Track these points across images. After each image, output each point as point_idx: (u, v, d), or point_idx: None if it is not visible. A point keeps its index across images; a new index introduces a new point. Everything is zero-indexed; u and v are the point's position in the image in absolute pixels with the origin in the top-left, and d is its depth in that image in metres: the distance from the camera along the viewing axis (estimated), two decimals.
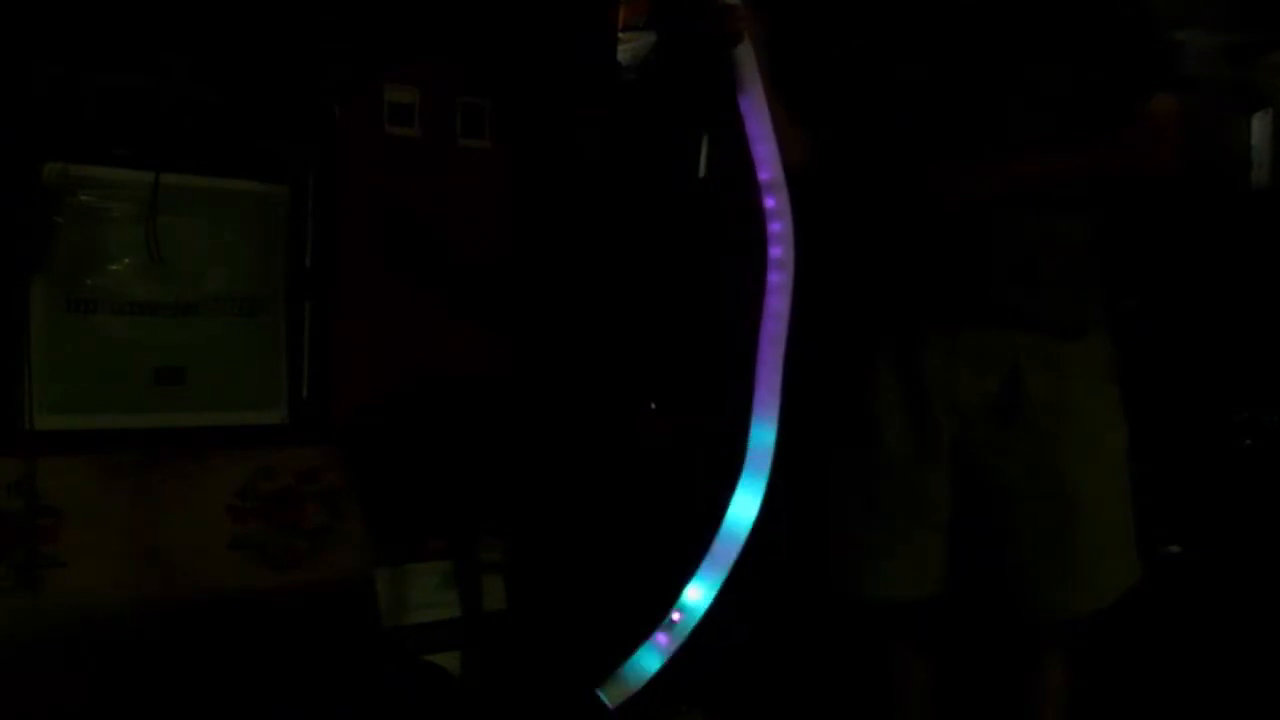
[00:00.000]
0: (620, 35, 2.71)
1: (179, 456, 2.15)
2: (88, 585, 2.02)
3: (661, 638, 1.40)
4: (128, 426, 2.14)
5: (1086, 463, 1.64)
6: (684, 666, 1.41)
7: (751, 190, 1.49)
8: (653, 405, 2.50)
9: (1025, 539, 1.63)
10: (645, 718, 1.43)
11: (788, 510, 1.68)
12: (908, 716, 1.83)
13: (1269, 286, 2.59)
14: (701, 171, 2.73)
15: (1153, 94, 1.62)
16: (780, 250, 1.47)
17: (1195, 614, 2.37)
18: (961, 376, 1.64)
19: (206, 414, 2.22)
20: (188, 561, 2.14)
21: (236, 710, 1.99)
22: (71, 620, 1.98)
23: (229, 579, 2.18)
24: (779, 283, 1.47)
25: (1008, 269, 1.61)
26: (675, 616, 1.40)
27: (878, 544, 1.69)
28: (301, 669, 2.06)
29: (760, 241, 1.48)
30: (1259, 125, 2.72)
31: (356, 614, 2.27)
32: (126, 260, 2.14)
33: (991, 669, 1.78)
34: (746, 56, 1.48)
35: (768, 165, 1.48)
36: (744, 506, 1.43)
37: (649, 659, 1.39)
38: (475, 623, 2.39)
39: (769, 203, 1.48)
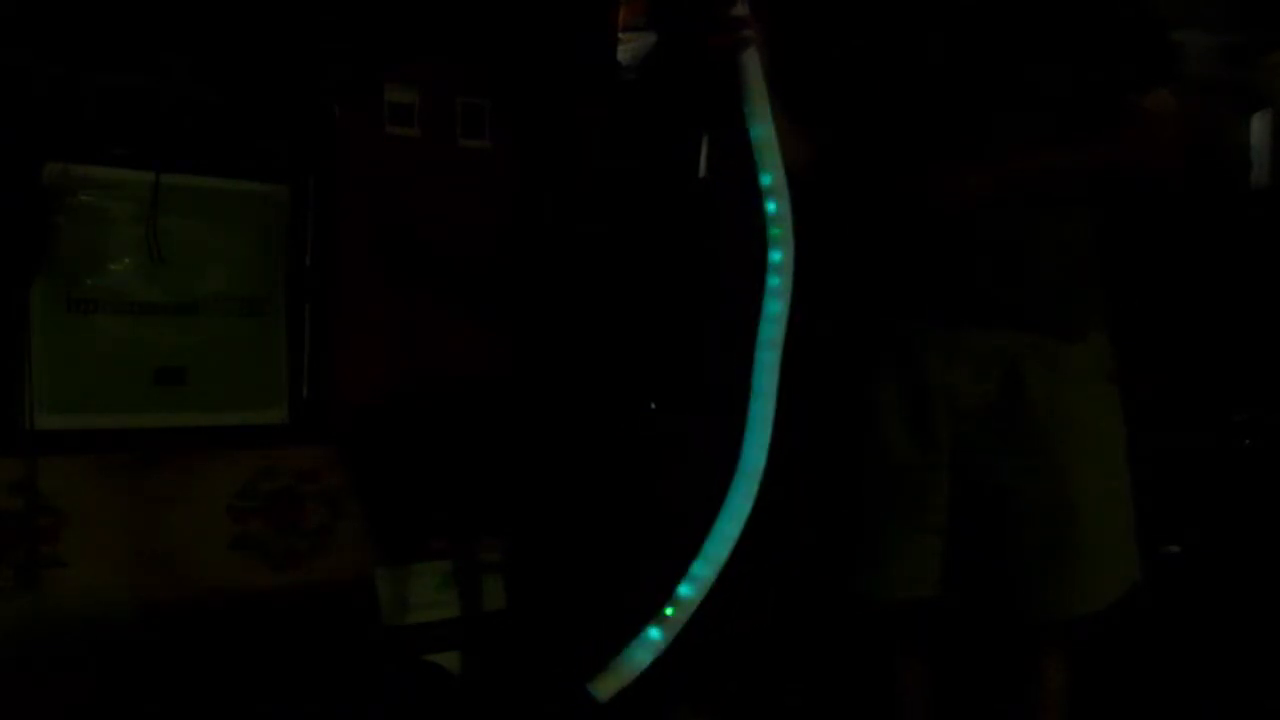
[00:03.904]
0: (620, 35, 2.71)
1: (179, 456, 2.15)
2: (88, 585, 2.02)
3: (654, 632, 1.40)
4: (128, 426, 2.14)
5: (1086, 464, 1.64)
6: (685, 667, 1.41)
7: (752, 193, 1.50)
8: (653, 405, 2.50)
9: (1025, 540, 1.63)
10: (644, 718, 1.43)
11: (789, 512, 1.68)
12: (908, 717, 1.84)
13: (1269, 286, 2.59)
14: (701, 171, 2.72)
15: (1151, 89, 1.62)
16: (780, 254, 1.48)
17: (1195, 614, 2.37)
18: (961, 377, 1.64)
19: (206, 414, 2.22)
20: (188, 561, 2.14)
21: (236, 710, 1.99)
22: (71, 620, 1.98)
23: (229, 579, 2.18)
24: (778, 287, 1.47)
25: (1008, 269, 1.60)
26: (668, 611, 1.41)
27: (878, 545, 1.69)
28: (301, 668, 2.06)
29: (759, 242, 1.48)
30: (1259, 125, 2.73)
31: (356, 614, 2.27)
32: (126, 260, 2.14)
33: (991, 669, 1.78)
34: (752, 62, 1.49)
35: (770, 171, 1.49)
36: (737, 508, 1.43)
37: (641, 653, 1.40)
38: (475, 623, 2.39)
39: (770, 207, 1.49)
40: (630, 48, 2.71)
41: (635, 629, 1.39)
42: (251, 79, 2.23)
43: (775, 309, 1.47)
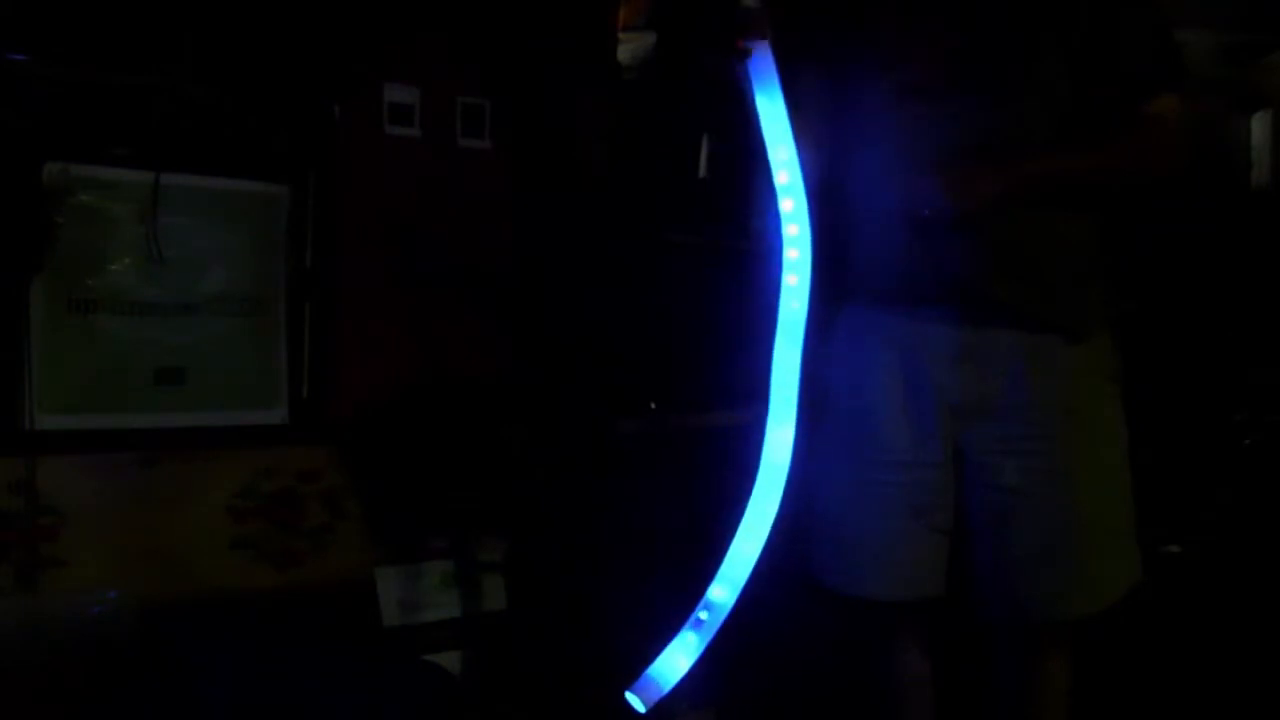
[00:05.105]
0: (620, 35, 2.71)
1: (179, 456, 2.15)
2: (88, 585, 2.02)
3: (689, 638, 1.39)
4: (128, 426, 2.13)
5: (1088, 463, 1.64)
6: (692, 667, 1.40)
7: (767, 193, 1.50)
8: (653, 405, 2.50)
9: (1026, 540, 1.63)
10: (646, 717, 1.43)
11: (790, 511, 1.68)
12: (908, 716, 1.84)
13: (1269, 287, 2.59)
14: (701, 172, 2.72)
15: (1158, 95, 1.62)
16: (796, 252, 1.48)
17: (1195, 614, 2.37)
18: (965, 376, 1.64)
19: (206, 414, 2.22)
20: (188, 561, 2.14)
21: (236, 711, 1.99)
22: (71, 620, 1.98)
23: (229, 579, 2.18)
24: (796, 285, 1.47)
25: (1012, 269, 1.61)
26: (702, 616, 1.39)
27: (880, 545, 1.70)
28: (301, 669, 2.06)
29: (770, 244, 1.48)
30: (1259, 125, 2.73)
31: (356, 614, 2.27)
32: (126, 260, 2.13)
33: (994, 669, 1.78)
34: (765, 60, 1.49)
35: (785, 168, 1.49)
36: (764, 504, 1.43)
37: (677, 659, 1.38)
38: (475, 623, 2.39)
39: (785, 205, 1.49)
40: (630, 48, 2.71)
41: (647, 634, 1.38)
42: (251, 79, 2.23)
43: (793, 306, 1.48)
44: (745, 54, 1.49)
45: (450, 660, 2.32)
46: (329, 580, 2.28)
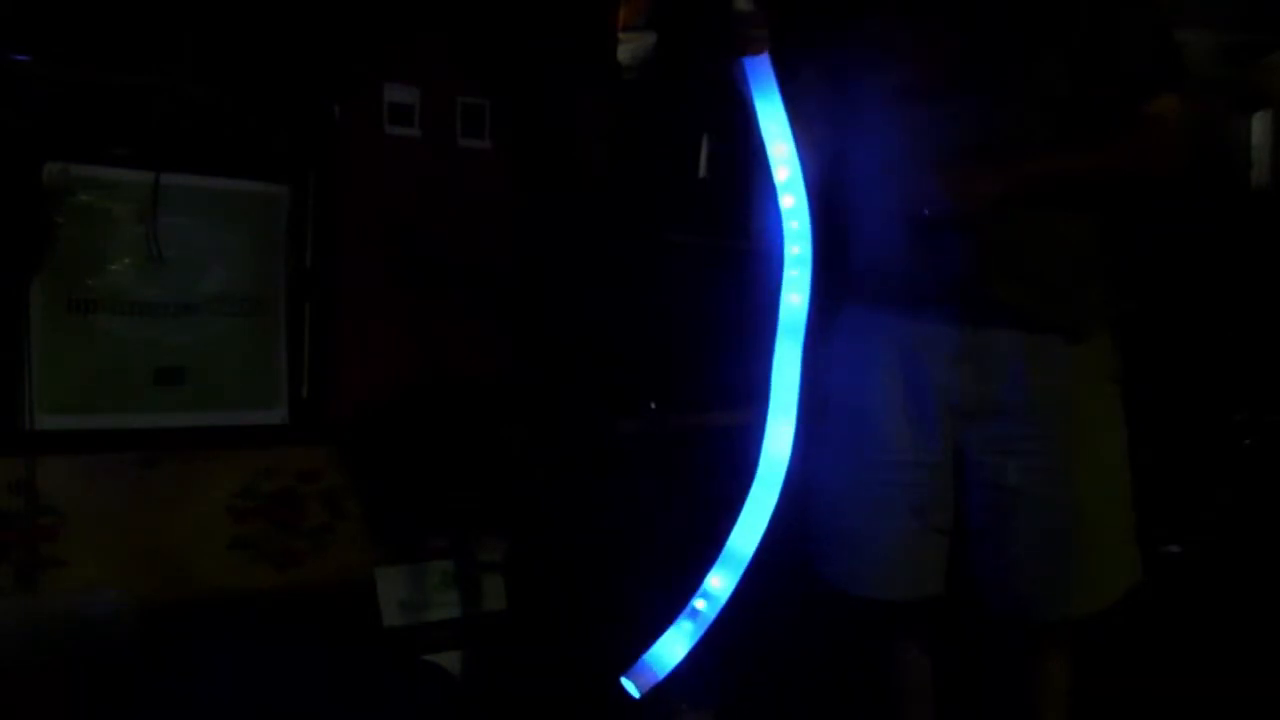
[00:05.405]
0: (620, 35, 2.71)
1: (179, 456, 2.15)
2: (88, 585, 2.02)
3: (685, 626, 1.39)
4: (128, 426, 2.14)
5: (1087, 463, 1.64)
6: (688, 665, 1.41)
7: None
8: (653, 405, 2.50)
9: (1026, 540, 1.63)
10: (646, 717, 1.43)
11: (789, 510, 1.68)
12: (908, 716, 1.84)
13: (1269, 287, 2.59)
14: (701, 172, 2.73)
15: (1158, 95, 1.62)
16: (798, 248, 1.49)
17: (1195, 614, 2.38)
18: (965, 376, 1.64)
19: (206, 414, 2.22)
20: (188, 561, 2.14)
21: (236, 711, 1.99)
22: (71, 620, 1.98)
23: (229, 579, 2.18)
24: (797, 280, 1.48)
25: (1012, 269, 1.61)
26: (699, 605, 1.40)
27: (880, 544, 1.70)
28: (301, 669, 2.06)
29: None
30: (1259, 125, 2.73)
31: (356, 614, 2.27)
32: (126, 260, 2.14)
33: (991, 669, 1.78)
34: (764, 61, 1.50)
35: (785, 165, 1.49)
36: (763, 496, 1.43)
37: (673, 647, 1.39)
38: (475, 623, 2.39)
39: (786, 202, 1.50)
40: (630, 48, 2.71)
41: (657, 626, 1.38)
42: (251, 79, 2.23)
43: (795, 301, 1.48)
44: (745, 53, 1.49)
45: (450, 660, 2.32)
46: (329, 580, 2.28)
